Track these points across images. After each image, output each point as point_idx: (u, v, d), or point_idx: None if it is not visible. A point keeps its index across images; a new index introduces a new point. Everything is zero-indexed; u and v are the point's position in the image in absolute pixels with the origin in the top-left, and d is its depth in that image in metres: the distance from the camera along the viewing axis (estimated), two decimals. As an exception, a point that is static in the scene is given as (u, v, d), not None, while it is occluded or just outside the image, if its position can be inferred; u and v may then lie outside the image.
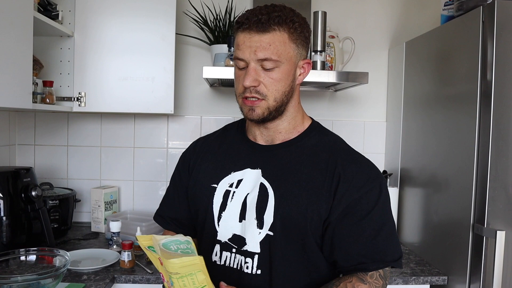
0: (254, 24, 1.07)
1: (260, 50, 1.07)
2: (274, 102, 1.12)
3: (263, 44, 1.07)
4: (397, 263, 1.13)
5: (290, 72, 1.13)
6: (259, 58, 1.08)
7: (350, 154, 1.19)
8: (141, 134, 2.46)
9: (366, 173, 1.15)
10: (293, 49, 1.11)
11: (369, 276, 1.10)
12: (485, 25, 1.57)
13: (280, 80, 1.11)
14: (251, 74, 1.09)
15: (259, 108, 1.12)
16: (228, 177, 1.22)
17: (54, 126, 2.44)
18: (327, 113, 2.50)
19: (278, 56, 1.08)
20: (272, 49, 1.07)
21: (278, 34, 1.08)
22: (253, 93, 1.11)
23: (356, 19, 2.49)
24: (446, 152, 1.84)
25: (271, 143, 1.22)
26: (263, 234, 1.14)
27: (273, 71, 1.10)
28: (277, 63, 1.09)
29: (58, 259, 1.55)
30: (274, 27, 1.07)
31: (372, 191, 1.12)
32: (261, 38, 1.07)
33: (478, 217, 1.59)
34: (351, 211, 1.11)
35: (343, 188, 1.11)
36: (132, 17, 2.06)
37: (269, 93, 1.11)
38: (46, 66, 2.05)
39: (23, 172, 1.82)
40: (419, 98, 2.12)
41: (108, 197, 2.33)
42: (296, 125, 1.21)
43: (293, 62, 1.13)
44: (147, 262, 1.85)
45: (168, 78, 2.08)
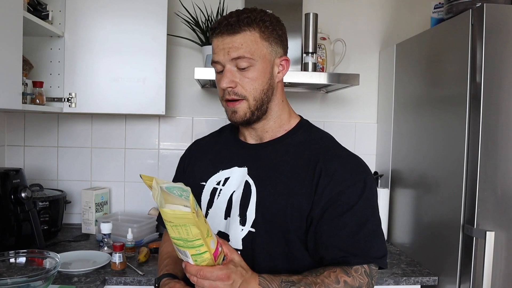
0: (225, 27, 1.11)
1: (233, 50, 1.11)
2: (254, 101, 1.15)
3: (235, 44, 1.11)
4: (380, 261, 1.12)
5: (265, 70, 1.14)
6: (232, 57, 1.11)
7: (334, 150, 1.19)
8: (132, 135, 2.45)
9: (349, 167, 1.14)
10: (266, 47, 1.14)
11: (354, 270, 1.09)
12: (474, 28, 1.58)
13: (257, 79, 1.13)
14: (227, 75, 1.13)
15: (241, 109, 1.15)
16: (216, 175, 1.25)
17: (44, 127, 2.42)
18: (318, 115, 2.50)
19: (251, 54, 1.11)
20: (244, 47, 1.11)
21: (248, 33, 1.11)
22: (231, 94, 1.14)
23: (347, 21, 2.50)
24: (436, 154, 1.85)
25: (260, 141, 1.24)
26: (246, 231, 1.16)
27: (248, 70, 1.12)
28: (250, 61, 1.11)
29: (49, 261, 1.53)
30: (244, 27, 1.11)
31: (355, 186, 1.11)
32: (232, 39, 1.11)
33: (468, 218, 1.61)
34: (333, 205, 1.10)
35: (324, 183, 1.11)
36: (123, 17, 2.05)
37: (247, 93, 1.14)
38: (36, 66, 2.04)
39: (12, 174, 1.81)
40: (410, 99, 2.13)
41: (99, 199, 2.31)
42: (282, 124, 1.23)
43: (268, 59, 1.15)
44: (138, 263, 1.84)
45: (159, 79, 2.08)
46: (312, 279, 1.07)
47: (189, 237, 0.93)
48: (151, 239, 2.15)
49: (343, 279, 1.07)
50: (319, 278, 1.07)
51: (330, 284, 1.06)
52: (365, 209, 1.12)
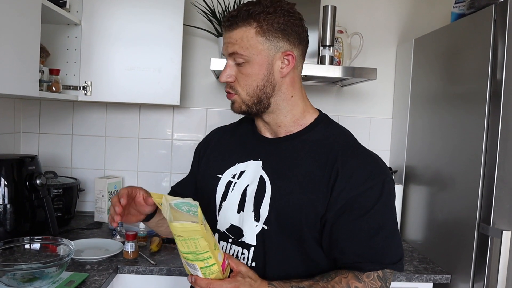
0: (226, 22, 1.12)
1: (229, 46, 1.11)
2: (248, 97, 1.14)
3: (231, 40, 1.11)
4: (396, 266, 1.09)
5: (262, 66, 1.11)
6: (229, 52, 1.12)
7: (353, 148, 1.15)
8: (146, 125, 2.46)
9: (368, 169, 1.10)
10: (262, 43, 1.10)
11: (366, 276, 1.07)
12: (497, 23, 1.55)
13: (250, 75, 1.12)
14: (226, 70, 1.14)
15: (236, 102, 1.16)
16: (232, 168, 1.23)
17: (59, 114, 2.43)
18: (333, 108, 2.48)
19: (244, 50, 1.10)
20: (238, 44, 1.10)
21: (244, 29, 1.10)
22: (228, 88, 1.16)
23: (365, 14, 2.47)
24: (452, 151, 1.83)
25: (276, 136, 1.22)
26: (260, 227, 1.14)
27: (243, 66, 1.12)
28: (244, 57, 1.10)
29: (62, 248, 1.55)
30: (240, 23, 1.10)
31: (373, 189, 1.08)
32: (230, 34, 1.12)
33: (484, 217, 1.59)
34: (349, 208, 1.07)
35: (341, 184, 1.08)
36: (140, 7, 2.05)
37: (240, 88, 1.14)
38: (52, 54, 2.04)
39: (28, 160, 1.82)
40: (427, 95, 2.11)
41: (112, 187, 2.32)
42: (296, 119, 1.19)
43: (265, 55, 1.11)
44: (150, 253, 1.85)
45: (175, 69, 2.07)
46: (322, 284, 1.05)
47: (198, 250, 0.96)
48: (163, 229, 2.16)
49: (354, 285, 1.06)
50: (330, 283, 1.06)
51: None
52: (382, 213, 1.09)
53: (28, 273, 1.35)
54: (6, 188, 1.73)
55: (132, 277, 1.73)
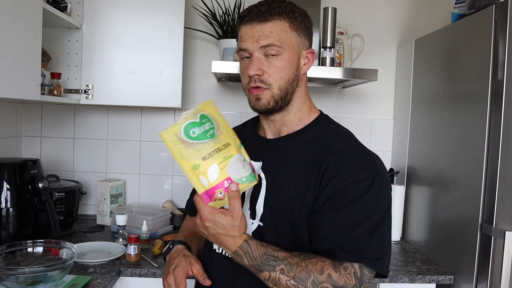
0: (255, 15, 1.11)
1: (262, 38, 1.11)
2: (279, 91, 1.14)
3: (265, 32, 1.11)
4: (374, 264, 1.06)
5: (293, 60, 1.14)
6: (261, 45, 1.11)
7: (348, 145, 1.15)
8: (147, 128, 2.46)
9: (359, 164, 1.10)
10: (295, 38, 1.14)
11: (343, 268, 1.04)
12: (497, 23, 1.55)
13: (284, 68, 1.13)
14: (255, 63, 1.12)
15: (264, 97, 1.14)
16: None
17: (60, 118, 2.43)
18: (334, 110, 2.48)
19: (280, 42, 1.11)
20: (274, 36, 1.11)
21: (279, 22, 1.12)
22: (257, 82, 1.13)
23: (365, 15, 2.47)
24: (454, 151, 1.83)
25: (278, 136, 1.23)
26: (255, 225, 1.16)
27: (276, 58, 1.12)
28: (279, 49, 1.11)
29: (65, 251, 1.55)
30: (275, 16, 1.11)
31: (362, 182, 1.07)
32: (262, 27, 1.11)
33: (486, 217, 1.58)
34: (334, 198, 1.07)
35: (329, 177, 1.08)
36: (141, 10, 2.05)
37: (273, 81, 1.13)
38: (54, 58, 2.05)
39: (30, 164, 1.82)
40: (428, 96, 2.11)
41: (114, 190, 2.33)
42: (302, 117, 1.21)
43: (296, 50, 1.15)
44: (152, 256, 1.85)
45: (176, 72, 2.08)
46: (297, 260, 1.04)
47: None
48: (165, 232, 2.16)
49: (328, 272, 1.03)
50: (305, 262, 1.04)
51: (312, 271, 1.03)
52: (367, 207, 1.07)
53: (31, 277, 1.35)
54: (9, 192, 1.74)
55: (134, 279, 1.73)
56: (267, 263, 1.04)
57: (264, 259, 1.04)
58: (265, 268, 1.04)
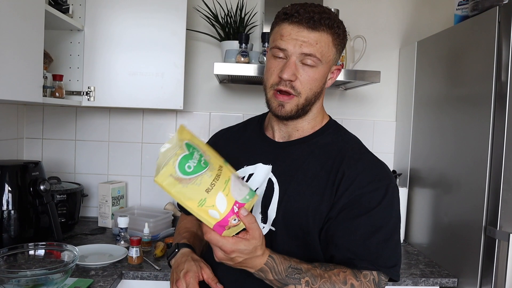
0: (306, 20, 1.08)
1: (306, 46, 1.09)
2: (305, 101, 1.14)
3: (310, 40, 1.09)
4: (389, 271, 1.08)
5: (325, 74, 1.15)
6: (304, 52, 1.09)
7: (360, 153, 1.17)
8: (149, 130, 2.45)
9: (373, 173, 1.12)
10: (333, 53, 1.14)
11: (363, 275, 1.06)
12: (501, 25, 1.55)
13: (316, 80, 1.13)
14: (291, 67, 1.10)
15: (289, 104, 1.13)
16: (240, 170, 1.23)
17: (62, 120, 2.43)
18: (336, 112, 2.47)
19: (321, 55, 1.10)
20: (318, 47, 1.09)
21: (325, 35, 1.10)
22: (288, 87, 1.11)
23: (367, 17, 2.47)
24: (457, 153, 1.82)
25: (287, 139, 1.22)
26: (267, 229, 1.15)
27: (311, 69, 1.11)
28: (318, 62, 1.11)
29: (67, 254, 1.54)
30: (323, 27, 1.09)
31: (376, 192, 1.09)
32: (309, 34, 1.09)
33: (490, 220, 1.58)
34: (350, 206, 1.08)
35: (345, 186, 1.09)
36: (143, 12, 2.05)
37: (303, 91, 1.12)
38: (56, 60, 2.04)
39: (31, 166, 1.82)
40: (430, 98, 2.10)
41: (116, 192, 2.32)
42: (314, 125, 1.22)
43: (330, 65, 1.16)
44: (155, 258, 1.84)
45: (178, 74, 2.07)
46: (320, 272, 1.05)
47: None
48: (167, 234, 2.15)
49: (351, 281, 1.05)
50: (327, 273, 1.05)
51: (337, 282, 1.04)
52: (382, 216, 1.09)
53: (32, 280, 1.35)
54: (10, 194, 1.73)
55: (136, 282, 1.72)
56: (292, 276, 1.03)
57: (289, 273, 1.03)
58: (290, 281, 1.03)
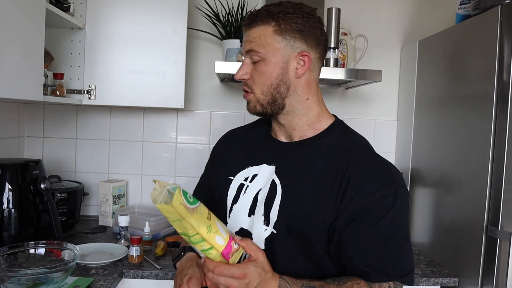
0: (247, 20, 1.14)
1: (247, 44, 1.13)
2: (262, 95, 1.14)
3: (249, 38, 1.13)
4: (405, 279, 1.07)
5: (277, 64, 1.12)
6: (246, 50, 1.14)
7: (366, 156, 1.13)
8: (150, 128, 2.45)
9: (380, 178, 1.08)
10: (278, 42, 1.11)
11: (378, 285, 1.05)
12: (503, 24, 1.54)
13: (265, 73, 1.12)
14: (243, 67, 1.15)
15: (251, 101, 1.17)
16: (244, 171, 1.23)
17: (63, 118, 2.43)
18: (337, 111, 2.38)
19: (260, 48, 1.11)
20: (256, 41, 1.11)
21: (262, 28, 1.11)
22: (244, 86, 1.17)
23: (369, 16, 2.46)
24: (459, 153, 1.82)
25: (290, 140, 1.21)
26: (269, 232, 1.13)
27: (259, 64, 1.13)
28: (260, 55, 1.11)
29: (67, 252, 1.54)
30: (259, 21, 1.12)
31: (385, 199, 1.05)
32: (249, 32, 1.13)
33: (492, 219, 1.57)
34: (359, 217, 1.05)
35: (351, 193, 1.06)
36: (144, 10, 2.04)
37: (255, 86, 1.14)
38: (56, 58, 2.04)
39: (32, 165, 1.81)
40: (432, 97, 2.09)
41: (116, 191, 2.32)
42: (310, 122, 1.18)
43: (281, 55, 1.11)
44: (155, 257, 1.84)
45: (179, 73, 2.07)
46: (333, 287, 1.04)
47: (189, 232, 0.95)
48: (168, 233, 2.15)
49: None
50: (341, 287, 1.04)
51: None
52: (393, 224, 1.06)
53: (33, 278, 1.34)
54: (11, 193, 1.73)
55: (137, 281, 1.72)
56: None
57: None
58: None
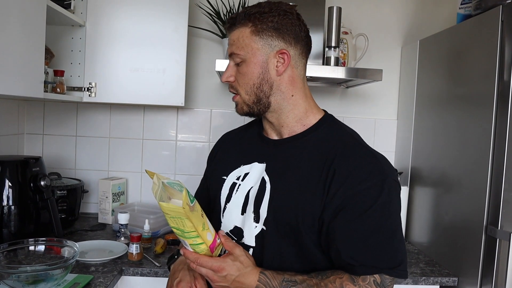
0: (227, 24, 1.17)
1: (229, 47, 1.16)
2: (247, 96, 1.16)
3: (230, 41, 1.16)
4: (393, 272, 1.05)
5: (256, 65, 1.13)
6: (229, 53, 1.16)
7: (354, 148, 1.12)
8: (150, 126, 2.45)
9: (367, 169, 1.07)
10: (256, 42, 1.12)
11: (361, 279, 1.04)
12: (504, 24, 1.54)
13: (247, 73, 1.14)
14: (227, 70, 1.17)
15: (238, 103, 1.19)
16: (237, 170, 1.24)
17: (63, 116, 2.43)
18: (337, 110, 2.47)
19: (240, 50, 1.13)
20: (236, 44, 1.14)
21: (241, 29, 1.13)
22: (230, 88, 1.20)
23: (370, 15, 2.46)
24: (459, 152, 1.82)
25: (280, 137, 1.21)
26: (259, 228, 1.14)
27: (241, 65, 1.15)
28: (241, 57, 1.13)
29: (67, 249, 1.54)
30: (238, 24, 1.14)
31: (371, 189, 1.04)
32: (230, 35, 1.16)
33: (491, 219, 1.57)
34: (344, 209, 1.04)
35: (337, 185, 1.05)
36: (145, 8, 2.04)
37: (240, 88, 1.17)
38: (57, 55, 2.04)
39: (32, 162, 1.82)
40: (432, 97, 2.09)
41: (116, 189, 2.32)
42: (298, 119, 1.18)
43: (260, 54, 1.12)
44: (155, 255, 1.84)
45: (179, 70, 2.07)
46: (316, 281, 1.04)
47: (185, 229, 1.02)
48: (167, 231, 2.14)
49: (348, 287, 1.04)
50: (324, 281, 1.04)
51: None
52: (380, 215, 1.04)
53: (32, 275, 1.34)
54: (11, 190, 1.73)
55: (136, 279, 1.72)
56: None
57: (284, 286, 1.04)
58: None
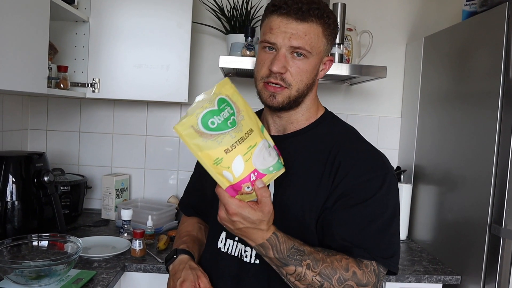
0: (294, 11, 1.07)
1: (295, 38, 1.07)
2: (296, 93, 1.12)
3: (299, 32, 1.07)
4: (387, 262, 1.06)
5: (316, 65, 1.13)
6: (292, 45, 1.08)
7: (356, 143, 1.16)
8: (153, 122, 2.45)
9: (369, 162, 1.11)
10: (323, 44, 1.12)
11: (365, 265, 1.04)
12: (510, 21, 1.53)
13: (306, 72, 1.11)
14: (281, 60, 1.09)
15: (281, 95, 1.12)
16: None
17: (66, 111, 2.43)
18: (341, 107, 2.47)
19: (310, 47, 1.09)
20: (307, 39, 1.08)
21: (314, 26, 1.09)
22: (278, 79, 1.10)
23: (374, 12, 2.45)
24: (463, 150, 1.81)
25: (283, 133, 1.21)
26: None
27: (301, 60, 1.10)
28: (308, 54, 1.09)
29: (70, 245, 1.55)
30: (313, 18, 1.08)
31: (373, 181, 1.08)
32: (298, 26, 1.08)
33: (495, 218, 1.56)
34: (345, 197, 1.07)
35: (341, 175, 1.08)
36: (148, 4, 2.04)
37: (294, 83, 1.11)
38: (61, 51, 2.04)
39: (35, 157, 1.82)
40: (437, 94, 2.08)
41: (119, 185, 2.32)
42: (309, 117, 1.20)
43: (321, 56, 1.14)
44: (157, 251, 1.84)
45: (183, 67, 2.06)
46: (322, 256, 1.03)
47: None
48: (170, 227, 2.15)
49: (353, 269, 1.02)
50: (330, 258, 1.03)
51: (339, 268, 1.01)
52: (379, 205, 1.07)
53: (36, 271, 1.35)
54: (14, 185, 1.73)
55: (139, 275, 1.73)
56: (293, 257, 1.01)
57: (291, 253, 1.01)
58: (290, 262, 1.01)
